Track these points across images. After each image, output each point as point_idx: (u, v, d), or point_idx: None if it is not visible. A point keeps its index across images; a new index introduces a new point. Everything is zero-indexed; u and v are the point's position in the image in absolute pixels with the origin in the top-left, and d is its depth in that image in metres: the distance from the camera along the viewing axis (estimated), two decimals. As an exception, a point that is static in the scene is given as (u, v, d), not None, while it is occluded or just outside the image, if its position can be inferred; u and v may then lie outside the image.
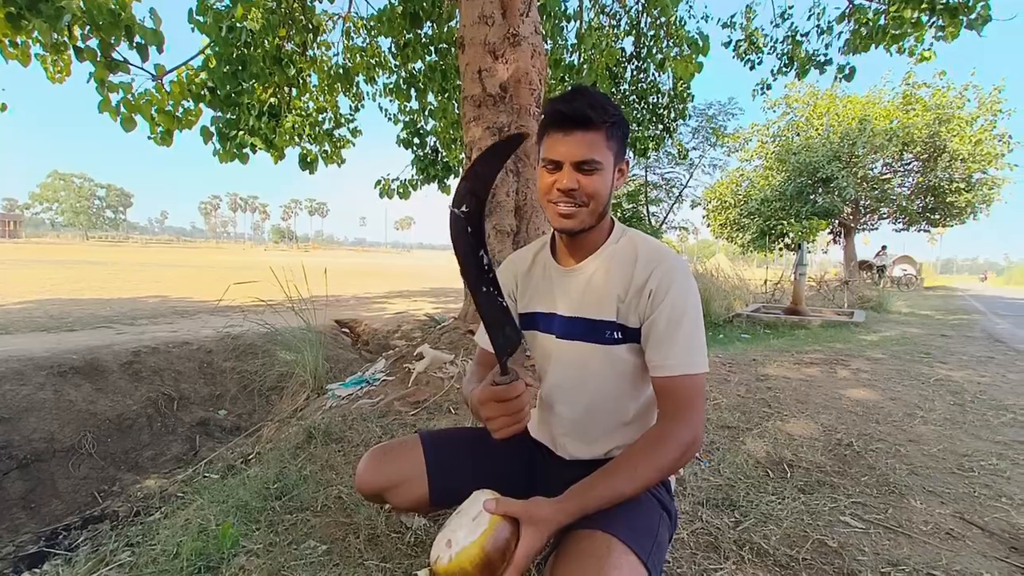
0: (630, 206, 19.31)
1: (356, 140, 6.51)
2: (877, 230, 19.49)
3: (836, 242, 20.05)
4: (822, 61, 5.64)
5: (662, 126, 7.24)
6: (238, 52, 4.26)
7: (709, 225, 20.88)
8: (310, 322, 3.55)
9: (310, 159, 5.91)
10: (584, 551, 0.79)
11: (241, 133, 4.77)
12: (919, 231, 18.49)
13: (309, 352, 3.29)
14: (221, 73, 4.18)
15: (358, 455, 1.90)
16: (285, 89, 5.34)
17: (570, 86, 1.03)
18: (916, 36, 4.81)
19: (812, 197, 16.19)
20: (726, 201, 19.36)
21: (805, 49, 5.83)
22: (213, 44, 4.14)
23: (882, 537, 1.45)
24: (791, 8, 5.91)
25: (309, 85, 5.91)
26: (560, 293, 1.04)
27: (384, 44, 6.08)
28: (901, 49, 4.89)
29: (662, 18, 5.99)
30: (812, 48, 5.80)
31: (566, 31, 6.11)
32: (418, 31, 5.37)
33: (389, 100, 6.42)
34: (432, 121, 6.48)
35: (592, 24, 6.11)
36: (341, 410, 2.53)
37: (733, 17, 6.37)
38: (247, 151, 4.94)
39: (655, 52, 6.43)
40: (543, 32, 4.41)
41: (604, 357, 0.99)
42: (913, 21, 4.67)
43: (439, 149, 6.55)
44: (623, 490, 0.83)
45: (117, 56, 3.47)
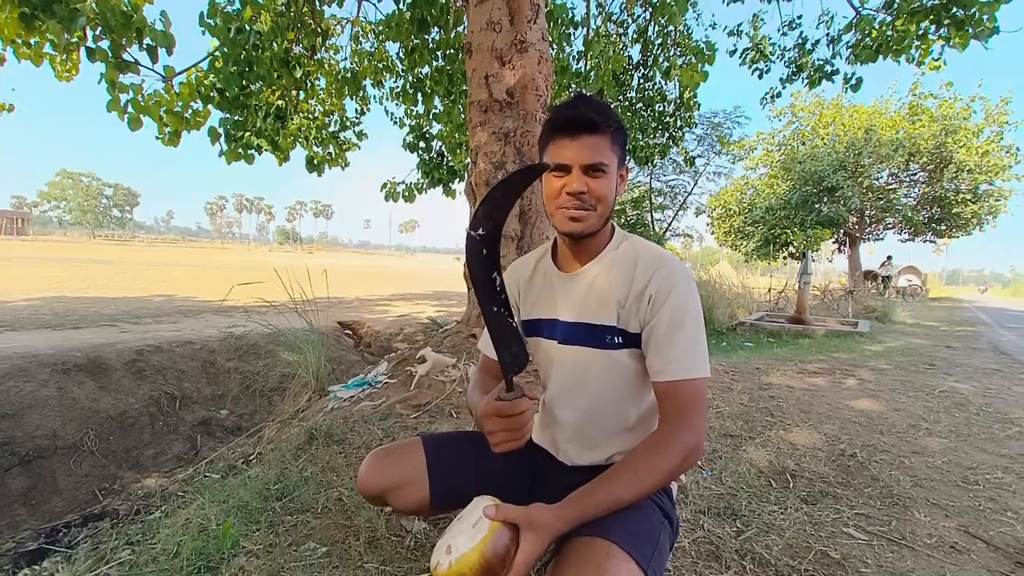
0: (634, 212, 19.28)
1: (361, 143, 6.55)
2: (882, 240, 19.51)
3: (841, 251, 20.01)
4: (830, 71, 5.64)
5: (668, 134, 7.26)
6: (246, 54, 4.30)
7: (713, 233, 20.89)
8: (313, 323, 3.55)
9: (317, 161, 5.95)
10: (583, 557, 0.78)
11: (247, 134, 4.81)
12: (924, 242, 18.45)
13: (311, 353, 3.29)
14: (228, 74, 4.22)
15: (359, 457, 1.90)
16: (292, 92, 5.39)
17: (573, 94, 1.06)
18: (923, 49, 4.79)
19: (817, 206, 16.19)
20: (731, 209, 19.38)
21: (814, 58, 5.82)
22: (222, 46, 4.19)
23: (885, 549, 1.44)
24: (800, 17, 5.93)
25: (317, 88, 5.96)
26: (561, 299, 1.05)
27: (392, 49, 6.13)
28: (910, 59, 4.87)
29: (669, 27, 6.02)
30: (821, 57, 5.78)
31: (573, 38, 6.15)
32: (425, 36, 5.42)
33: (396, 104, 6.47)
34: (438, 125, 6.52)
35: (599, 31, 6.13)
36: (343, 412, 2.54)
37: (740, 26, 6.39)
38: (252, 152, 4.99)
39: (661, 60, 6.46)
40: (550, 39, 4.43)
41: (605, 362, 0.99)
42: (919, 34, 4.65)
43: (444, 153, 6.59)
44: (623, 496, 0.83)
45: (128, 57, 3.51)
